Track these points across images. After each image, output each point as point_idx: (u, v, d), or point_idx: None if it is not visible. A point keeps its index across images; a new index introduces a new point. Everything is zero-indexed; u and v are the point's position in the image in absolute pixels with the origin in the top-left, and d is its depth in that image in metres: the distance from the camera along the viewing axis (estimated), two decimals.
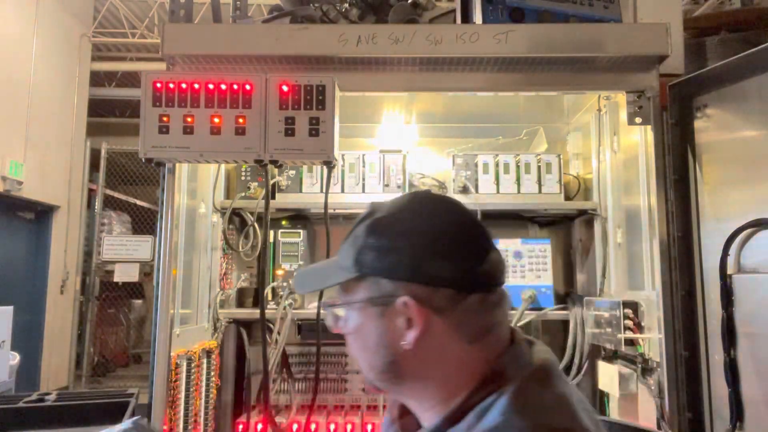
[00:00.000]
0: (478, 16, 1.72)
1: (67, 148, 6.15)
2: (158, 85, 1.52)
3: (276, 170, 2.15)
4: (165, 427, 1.60)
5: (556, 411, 0.71)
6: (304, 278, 0.93)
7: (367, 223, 0.82)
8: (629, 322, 1.70)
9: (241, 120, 1.52)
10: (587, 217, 2.24)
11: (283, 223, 2.26)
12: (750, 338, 1.43)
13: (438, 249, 0.77)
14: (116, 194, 6.86)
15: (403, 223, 0.80)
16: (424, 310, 0.76)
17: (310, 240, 2.27)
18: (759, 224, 1.42)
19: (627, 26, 1.75)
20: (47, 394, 1.68)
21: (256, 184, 2.18)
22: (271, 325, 1.99)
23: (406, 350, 0.77)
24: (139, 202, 7.25)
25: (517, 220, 2.38)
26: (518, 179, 2.16)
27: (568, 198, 2.24)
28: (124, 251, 5.71)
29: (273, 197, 2.14)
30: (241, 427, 2.01)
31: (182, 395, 1.74)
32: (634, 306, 1.72)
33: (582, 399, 0.78)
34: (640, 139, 1.76)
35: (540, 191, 2.16)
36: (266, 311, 1.75)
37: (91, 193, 6.44)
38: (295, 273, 0.87)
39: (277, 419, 2.01)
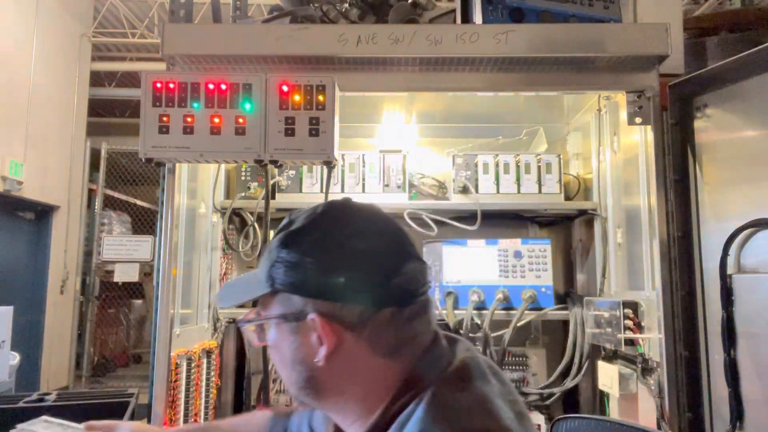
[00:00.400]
0: (478, 16, 1.72)
1: (67, 148, 6.15)
2: (158, 85, 1.52)
3: (276, 170, 2.15)
4: (165, 427, 1.60)
5: (474, 413, 0.71)
6: (226, 291, 0.91)
7: (280, 236, 0.81)
8: (629, 322, 1.70)
9: (241, 120, 1.52)
10: (587, 217, 2.24)
11: None
12: (750, 338, 1.43)
13: (346, 264, 0.75)
14: (116, 194, 6.86)
15: (313, 237, 0.78)
16: (334, 326, 0.74)
17: None
18: (759, 224, 1.42)
19: (627, 26, 1.75)
20: (47, 394, 1.68)
21: (256, 184, 2.18)
22: None
23: (321, 366, 0.76)
24: (139, 202, 7.25)
25: (517, 220, 2.38)
26: (518, 179, 2.17)
27: (568, 198, 2.24)
28: (124, 251, 5.71)
29: (273, 197, 2.14)
30: None
31: (182, 395, 1.74)
32: (634, 306, 1.72)
33: (509, 391, 0.78)
34: (640, 139, 1.76)
35: (540, 191, 2.16)
36: None
37: (91, 193, 6.44)
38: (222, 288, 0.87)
39: None
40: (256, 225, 2.19)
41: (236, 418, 1.21)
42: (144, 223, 7.13)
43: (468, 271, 2.12)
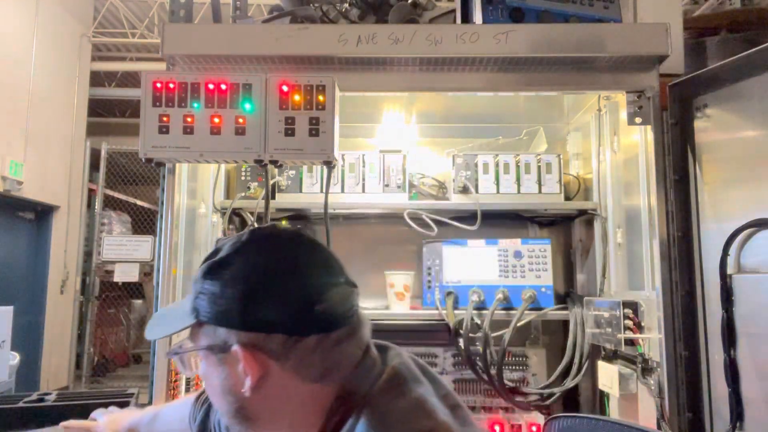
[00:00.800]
0: (478, 16, 1.72)
1: (67, 148, 6.15)
2: (158, 85, 1.52)
3: (276, 170, 2.15)
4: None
5: (413, 415, 0.72)
6: (155, 321, 0.90)
7: (204, 266, 0.80)
8: (629, 322, 1.70)
9: (241, 120, 1.52)
10: (587, 217, 2.24)
11: (283, 223, 2.26)
12: (750, 338, 1.43)
13: (266, 294, 0.75)
14: (116, 194, 6.86)
15: (235, 268, 0.77)
16: (259, 356, 0.74)
17: None
18: (759, 224, 1.42)
19: (627, 26, 1.75)
20: (47, 394, 1.68)
21: (256, 184, 2.18)
22: None
23: (249, 396, 0.76)
24: (139, 202, 7.25)
25: (517, 220, 2.39)
26: (518, 179, 2.17)
27: (568, 198, 2.24)
28: (124, 251, 5.71)
29: (273, 197, 2.14)
30: None
31: (182, 395, 1.73)
32: (634, 306, 1.72)
33: (441, 386, 0.80)
34: (640, 139, 1.76)
35: (540, 191, 2.16)
36: None
37: (91, 193, 6.44)
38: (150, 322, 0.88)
39: None
40: (256, 225, 2.19)
41: (173, 402, 1.22)
42: (144, 223, 7.14)
43: (468, 271, 2.12)
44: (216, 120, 1.52)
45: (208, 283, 0.78)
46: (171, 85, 1.52)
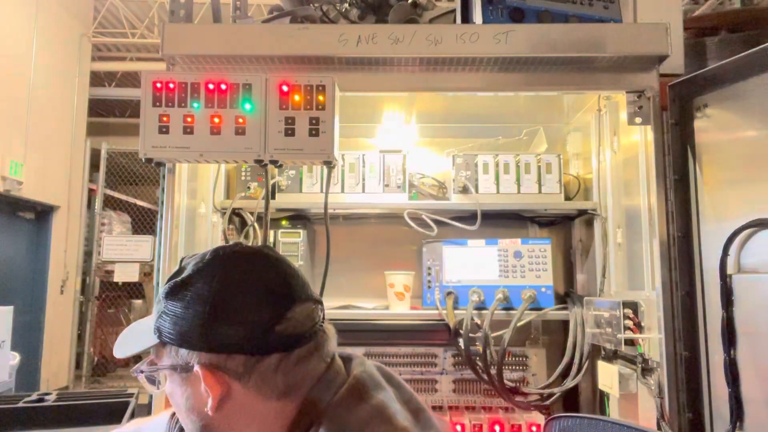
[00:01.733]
0: (478, 16, 1.72)
1: (67, 148, 6.15)
2: (158, 85, 1.52)
3: (276, 170, 2.15)
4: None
5: (373, 422, 0.73)
6: (123, 339, 0.90)
7: (166, 286, 0.82)
8: (629, 322, 1.70)
9: (241, 120, 1.52)
10: (587, 217, 2.24)
11: (283, 223, 2.26)
12: (750, 338, 1.43)
13: (225, 315, 0.76)
14: (116, 194, 6.86)
15: (196, 288, 0.78)
16: (220, 377, 0.75)
17: (310, 240, 2.27)
18: (759, 224, 1.42)
19: (627, 26, 1.75)
20: (47, 394, 1.68)
21: (256, 184, 2.18)
22: None
23: (212, 415, 0.77)
24: (139, 202, 7.25)
25: (517, 220, 2.38)
26: (518, 179, 2.16)
27: (568, 198, 2.24)
28: (124, 251, 5.71)
29: (273, 197, 2.14)
30: None
31: None
32: (634, 306, 1.72)
33: (404, 391, 0.81)
34: (640, 139, 1.76)
35: (540, 191, 2.16)
36: None
37: (91, 193, 6.44)
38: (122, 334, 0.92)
39: None
40: (256, 225, 2.19)
41: (151, 417, 1.23)
42: (144, 223, 7.13)
43: (468, 271, 2.12)
44: (216, 120, 1.52)
45: (170, 303, 0.79)
46: (171, 85, 1.52)
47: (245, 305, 0.76)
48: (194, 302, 0.77)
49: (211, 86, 1.52)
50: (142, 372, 0.85)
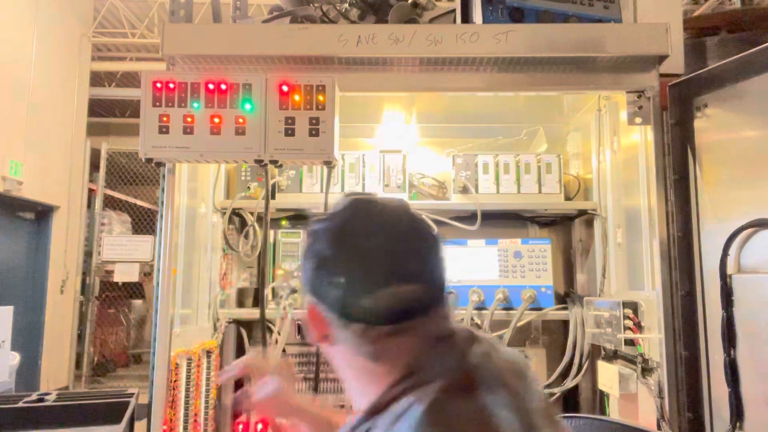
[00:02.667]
0: (478, 16, 1.72)
1: (67, 148, 6.14)
2: (158, 85, 1.52)
3: (276, 170, 2.15)
4: (165, 427, 1.60)
5: (471, 423, 0.69)
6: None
7: (311, 228, 0.84)
8: (629, 322, 1.70)
9: (241, 120, 1.52)
10: (587, 217, 2.24)
11: (283, 223, 2.26)
12: (750, 338, 1.43)
13: (327, 272, 0.77)
14: (116, 194, 6.86)
15: (317, 239, 0.80)
16: (322, 322, 0.80)
17: None
18: (759, 224, 1.42)
19: (627, 26, 1.75)
20: (47, 394, 1.68)
21: (256, 184, 2.18)
22: (271, 325, 1.99)
23: (322, 347, 0.84)
24: (139, 202, 7.25)
25: (517, 220, 2.38)
26: (518, 179, 2.17)
27: (568, 198, 2.24)
28: (124, 251, 5.71)
29: (273, 197, 2.14)
30: (241, 427, 2.01)
31: (182, 395, 1.74)
32: (634, 306, 1.72)
33: (523, 401, 0.75)
34: (640, 139, 1.76)
35: (540, 191, 2.16)
36: (266, 311, 1.75)
37: (91, 193, 6.44)
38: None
39: (277, 419, 2.01)
40: (256, 225, 2.19)
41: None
42: (144, 223, 7.13)
43: (468, 271, 2.12)
44: (216, 120, 1.52)
45: (308, 241, 0.83)
46: (171, 85, 1.52)
47: (345, 269, 0.76)
48: (314, 247, 0.80)
49: (211, 86, 1.52)
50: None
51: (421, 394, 0.71)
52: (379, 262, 0.76)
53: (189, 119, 1.52)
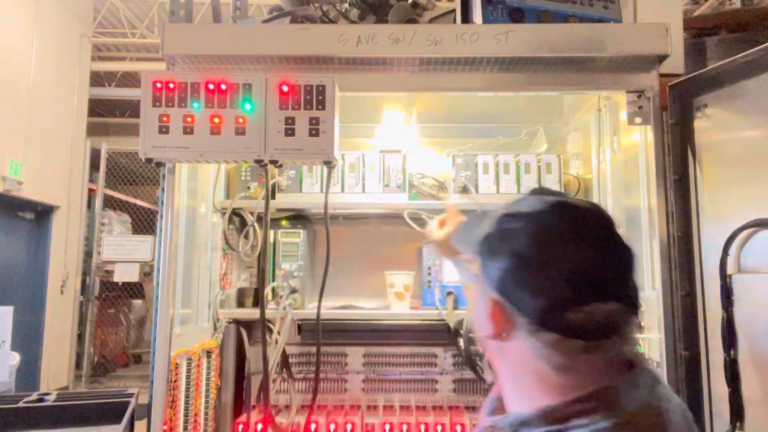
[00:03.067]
0: (478, 16, 1.72)
1: (67, 148, 6.15)
2: (158, 85, 1.52)
3: (276, 170, 2.15)
4: (165, 427, 1.60)
5: None
6: (466, 229, 0.96)
7: (502, 214, 0.80)
8: None
9: (241, 120, 1.52)
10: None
11: (283, 223, 2.26)
12: (750, 338, 1.43)
13: (528, 276, 0.73)
14: (116, 194, 6.86)
15: (515, 237, 0.76)
16: (505, 317, 0.76)
17: (310, 240, 2.27)
18: (759, 224, 1.42)
19: (627, 26, 1.75)
20: (47, 394, 1.68)
21: (256, 184, 2.18)
22: (271, 325, 2.00)
23: (489, 335, 0.79)
24: (139, 202, 7.26)
25: None
26: (518, 179, 2.16)
27: None
28: (124, 251, 5.71)
29: (273, 197, 2.14)
30: (241, 427, 2.01)
31: (182, 395, 1.74)
32: None
33: None
34: (640, 139, 1.76)
35: None
36: (266, 311, 1.75)
37: (91, 193, 6.44)
38: (465, 221, 1.00)
39: (277, 419, 2.01)
40: (256, 225, 2.19)
41: None
42: (144, 223, 7.14)
43: None
44: (216, 120, 1.52)
45: (495, 227, 0.79)
46: (171, 85, 1.52)
47: (553, 277, 0.72)
48: (510, 244, 0.76)
49: (211, 86, 1.52)
50: (460, 260, 0.92)
51: (612, 417, 0.69)
52: (587, 274, 0.72)
53: (189, 119, 1.52)
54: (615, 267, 0.75)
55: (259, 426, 2.00)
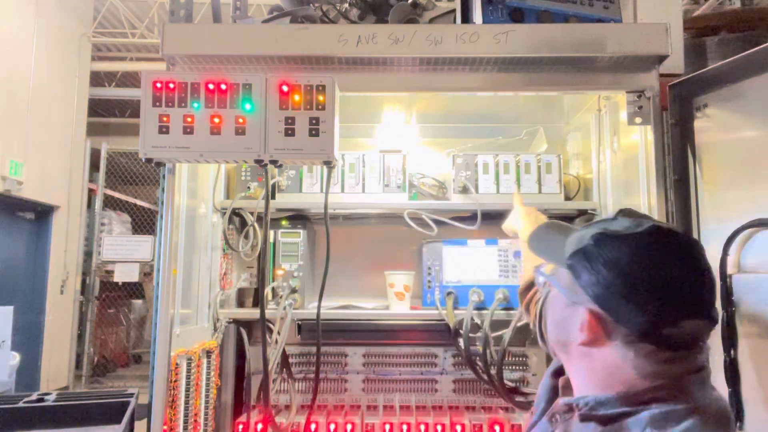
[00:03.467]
0: (478, 16, 1.72)
1: (67, 148, 6.15)
2: (158, 85, 1.52)
3: (276, 170, 2.15)
4: (165, 427, 1.60)
5: None
6: (543, 236, 1.02)
7: (598, 231, 0.87)
8: None
9: (241, 120, 1.52)
10: (587, 217, 2.24)
11: (283, 223, 2.26)
12: (750, 338, 1.43)
13: (634, 297, 0.80)
14: (116, 194, 6.87)
15: (622, 252, 0.82)
16: (600, 327, 0.83)
17: (310, 240, 2.27)
18: (759, 224, 1.42)
19: (627, 26, 1.75)
20: (47, 394, 1.68)
21: (256, 184, 2.18)
22: (271, 325, 1.99)
23: (575, 343, 0.87)
24: (139, 202, 7.26)
25: None
26: (518, 179, 2.16)
27: (568, 198, 2.24)
28: (124, 251, 5.71)
29: (273, 197, 2.14)
30: (241, 427, 2.01)
31: (182, 395, 1.74)
32: None
33: None
34: (640, 139, 1.76)
35: (540, 191, 2.16)
36: (266, 311, 1.75)
37: (91, 193, 6.44)
38: (539, 229, 1.05)
39: (277, 419, 2.01)
40: (256, 225, 2.19)
41: None
42: (144, 223, 7.14)
43: (468, 271, 2.12)
44: (216, 120, 1.52)
45: (593, 246, 0.85)
46: (171, 85, 1.52)
47: (652, 297, 0.80)
48: (613, 264, 0.82)
49: (211, 86, 1.52)
50: (540, 274, 0.98)
51: (685, 403, 0.80)
52: (684, 294, 0.81)
53: (189, 119, 1.52)
54: (705, 287, 0.83)
55: (259, 426, 2.00)
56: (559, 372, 1.02)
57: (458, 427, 2.01)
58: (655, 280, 0.80)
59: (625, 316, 0.80)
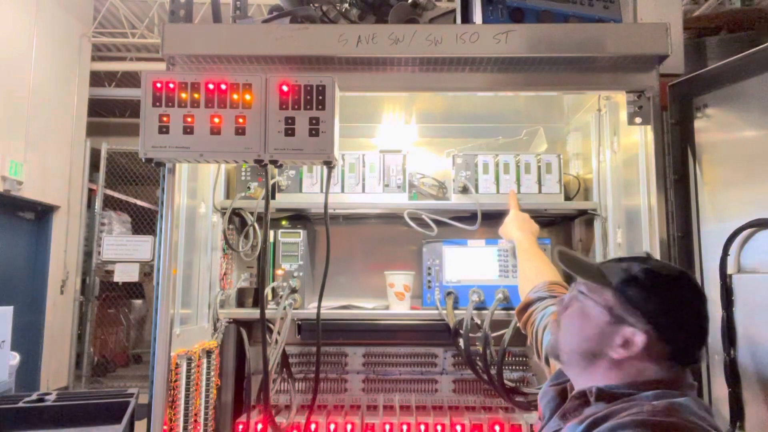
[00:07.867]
0: (478, 16, 1.72)
1: (67, 148, 6.15)
2: (158, 85, 1.52)
3: (276, 170, 2.15)
4: (165, 427, 1.60)
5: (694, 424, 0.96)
6: (571, 256, 1.15)
7: (641, 268, 1.06)
8: None
9: (241, 120, 1.52)
10: (587, 217, 2.24)
11: (283, 223, 2.26)
12: (750, 338, 1.43)
13: (682, 321, 1.03)
14: (116, 194, 6.86)
15: (675, 292, 1.05)
16: (644, 346, 1.01)
17: (310, 240, 2.27)
18: (759, 224, 1.42)
19: (627, 26, 1.75)
20: (47, 394, 1.68)
21: (256, 184, 2.18)
22: (271, 325, 1.99)
23: (609, 356, 1.03)
24: (139, 202, 7.25)
25: None
26: (518, 179, 2.16)
27: (568, 198, 2.24)
28: (124, 251, 5.72)
29: (273, 197, 2.14)
30: (241, 427, 2.01)
31: (182, 395, 1.74)
32: None
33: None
34: (640, 139, 1.76)
35: (540, 191, 2.16)
36: (266, 311, 1.75)
37: (91, 193, 6.44)
38: (564, 249, 1.19)
39: (277, 419, 2.01)
40: (256, 225, 2.19)
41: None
42: (144, 223, 7.14)
43: (468, 271, 2.12)
44: (216, 120, 1.52)
45: (634, 275, 1.06)
46: (171, 85, 1.52)
47: (693, 323, 1.06)
48: (664, 296, 1.04)
49: (211, 86, 1.52)
50: (580, 291, 1.11)
51: (681, 393, 1.00)
52: (705, 324, 1.07)
53: (189, 119, 1.52)
54: (708, 319, 1.07)
55: (259, 426, 2.00)
56: (561, 383, 1.17)
57: (458, 427, 2.01)
58: (692, 312, 1.04)
59: (674, 337, 1.01)
